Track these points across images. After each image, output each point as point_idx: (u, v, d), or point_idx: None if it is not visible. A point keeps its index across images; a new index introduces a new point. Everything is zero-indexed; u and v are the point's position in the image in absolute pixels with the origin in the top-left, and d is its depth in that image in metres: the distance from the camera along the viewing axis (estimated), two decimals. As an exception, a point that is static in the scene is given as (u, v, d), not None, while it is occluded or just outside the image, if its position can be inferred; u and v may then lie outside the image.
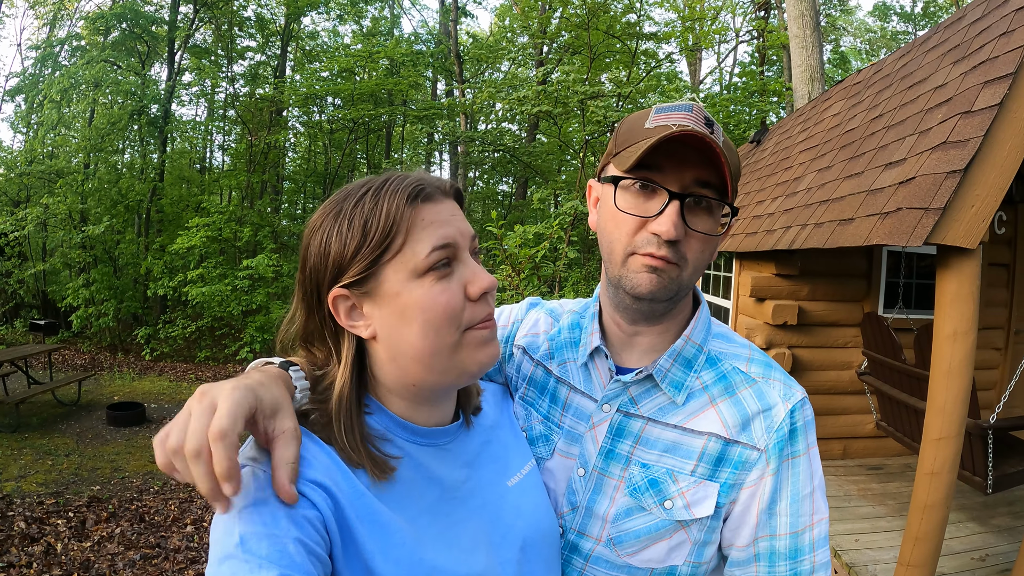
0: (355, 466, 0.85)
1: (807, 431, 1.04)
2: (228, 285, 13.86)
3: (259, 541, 0.69)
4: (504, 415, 1.17)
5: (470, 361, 0.90)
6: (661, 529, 1.03)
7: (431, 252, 0.85)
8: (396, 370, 0.91)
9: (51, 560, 4.77)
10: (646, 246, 0.99)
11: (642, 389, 1.09)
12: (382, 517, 0.83)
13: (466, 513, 0.95)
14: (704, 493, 1.02)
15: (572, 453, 1.13)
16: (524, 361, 1.27)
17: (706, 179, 0.98)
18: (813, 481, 1.03)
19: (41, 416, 9.05)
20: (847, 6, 27.26)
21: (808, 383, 4.95)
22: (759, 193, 5.80)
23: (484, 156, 19.33)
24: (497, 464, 1.06)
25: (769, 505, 1.01)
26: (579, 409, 1.14)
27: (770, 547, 1.01)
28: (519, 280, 6.50)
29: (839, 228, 3.58)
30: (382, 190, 0.87)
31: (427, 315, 0.85)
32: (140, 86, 16.19)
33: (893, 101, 4.16)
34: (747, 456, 1.02)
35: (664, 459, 1.05)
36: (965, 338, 2.71)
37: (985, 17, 3.57)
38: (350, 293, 0.88)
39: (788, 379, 1.08)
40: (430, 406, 0.96)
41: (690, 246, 0.99)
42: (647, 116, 1.01)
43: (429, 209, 0.88)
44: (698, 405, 1.06)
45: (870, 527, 3.91)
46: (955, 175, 2.73)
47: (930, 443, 2.81)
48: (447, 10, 21.41)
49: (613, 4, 15.28)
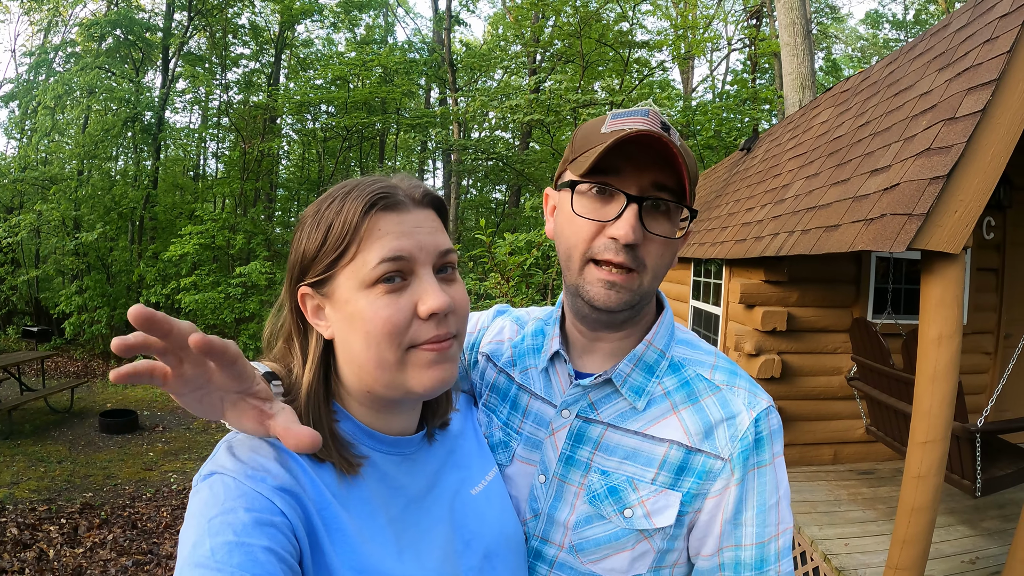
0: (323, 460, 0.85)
1: (773, 440, 1.02)
2: (221, 293, 13.82)
3: (230, 550, 0.68)
4: (468, 423, 1.16)
5: (414, 381, 0.87)
6: (622, 538, 1.02)
7: (378, 264, 0.83)
8: (351, 374, 0.90)
9: (43, 566, 4.75)
10: (604, 251, 0.98)
11: (602, 394, 1.08)
12: (347, 527, 0.83)
13: (430, 522, 0.94)
14: (665, 502, 1.01)
15: (533, 459, 1.11)
16: (488, 368, 1.26)
17: (663, 182, 0.97)
18: (779, 491, 1.02)
19: (34, 423, 9.02)
20: (839, 14, 27.44)
21: (798, 389, 4.98)
22: (749, 200, 5.84)
23: (477, 164, 19.36)
24: (461, 472, 1.05)
25: (734, 515, 1.00)
26: (539, 415, 1.13)
27: (735, 557, 1.00)
28: (508, 288, 6.51)
29: (825, 235, 3.61)
30: (349, 195, 0.87)
31: (367, 327, 0.84)
32: (134, 93, 16.20)
33: (880, 108, 4.20)
34: (711, 465, 1.00)
35: (624, 466, 1.04)
36: (950, 342, 2.73)
37: (970, 24, 3.60)
38: (313, 292, 0.89)
39: (754, 387, 1.06)
40: (390, 414, 0.95)
41: (649, 250, 0.98)
42: (603, 122, 1.00)
43: (388, 219, 0.86)
44: (659, 412, 1.04)
45: (860, 531, 3.92)
46: (938, 181, 2.76)
47: (916, 447, 2.83)
48: (440, 18, 21.45)
49: (605, 13, 15.38)
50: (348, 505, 0.85)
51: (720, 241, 5.72)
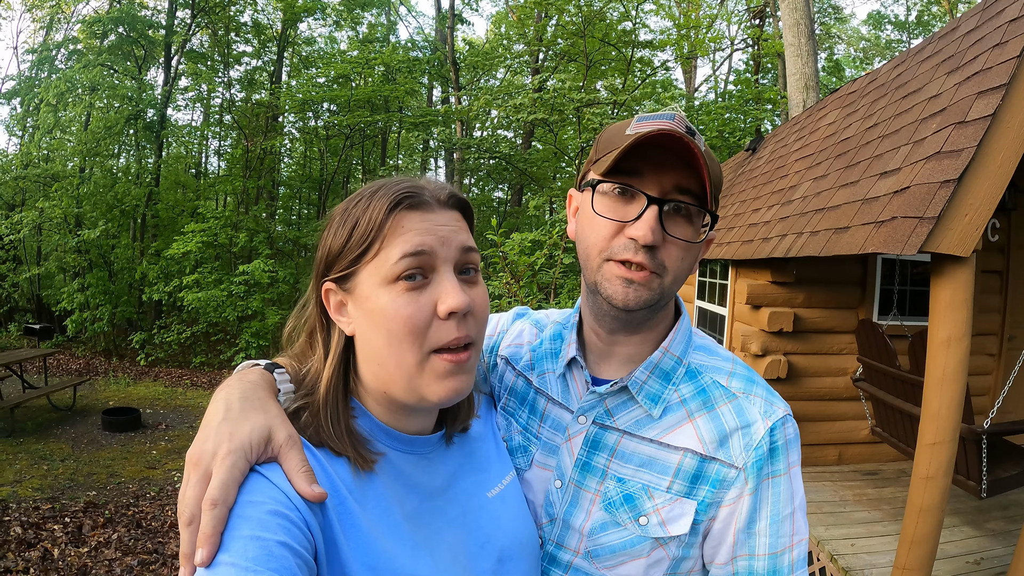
0: (339, 454, 0.86)
1: (788, 450, 1.02)
2: (223, 291, 13.85)
3: (245, 545, 0.68)
4: (488, 426, 1.16)
5: (429, 391, 0.87)
6: (637, 545, 1.02)
7: (400, 259, 0.84)
8: (369, 373, 0.91)
9: (48, 566, 4.76)
10: (623, 251, 0.98)
11: (618, 401, 1.08)
12: (361, 523, 0.83)
13: (445, 523, 0.94)
14: (680, 511, 1.01)
15: (549, 464, 1.12)
16: (507, 372, 1.26)
17: (686, 186, 0.97)
18: (794, 502, 1.01)
19: (36, 421, 9.02)
20: (842, 14, 27.45)
21: (804, 389, 4.99)
22: (755, 201, 5.84)
23: (480, 163, 19.38)
24: (478, 475, 1.05)
25: (747, 525, 0.99)
26: (556, 420, 1.13)
27: (749, 567, 0.99)
28: (517, 288, 6.52)
29: (835, 236, 3.62)
30: (376, 193, 0.88)
31: (390, 325, 0.84)
32: (136, 90, 16.21)
33: (888, 111, 4.20)
34: (725, 474, 1.00)
35: (640, 474, 1.04)
36: (959, 344, 2.74)
37: (979, 28, 3.61)
38: (337, 288, 0.90)
39: (771, 395, 1.05)
40: (407, 415, 0.95)
41: (668, 253, 0.98)
42: (629, 124, 1.01)
43: (412, 217, 0.87)
44: (675, 419, 1.04)
45: (866, 532, 3.94)
46: (949, 184, 2.77)
47: (925, 448, 2.84)
48: (443, 17, 21.48)
49: (609, 12, 15.37)
50: (363, 501, 0.85)
51: (726, 241, 5.73)
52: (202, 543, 0.68)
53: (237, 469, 0.73)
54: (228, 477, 0.72)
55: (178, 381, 12.88)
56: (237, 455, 0.74)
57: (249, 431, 0.78)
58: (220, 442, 0.75)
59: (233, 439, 0.76)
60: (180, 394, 11.71)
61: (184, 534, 0.70)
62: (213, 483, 0.71)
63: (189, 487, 0.72)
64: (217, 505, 0.69)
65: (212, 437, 0.76)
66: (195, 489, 0.72)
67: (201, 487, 0.72)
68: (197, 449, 0.76)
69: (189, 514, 0.70)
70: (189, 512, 0.70)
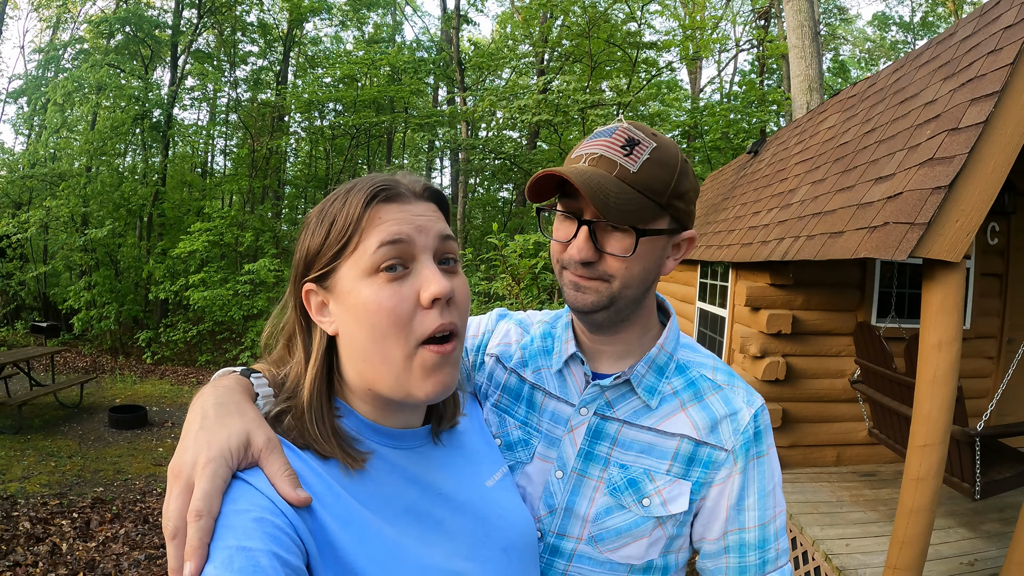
0: (327, 457, 0.86)
1: (767, 433, 1.13)
2: (229, 290, 13.92)
3: (232, 556, 0.67)
4: (474, 421, 1.19)
5: (416, 388, 0.88)
6: (641, 526, 1.10)
7: (379, 247, 0.85)
8: (354, 371, 0.91)
9: (56, 560, 4.83)
10: (569, 263, 1.06)
11: (618, 393, 1.15)
12: (361, 517, 0.83)
13: (448, 512, 0.95)
14: (679, 491, 1.10)
15: (550, 456, 1.17)
16: (497, 369, 1.31)
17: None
18: (774, 478, 1.13)
19: (43, 418, 9.10)
20: (847, 15, 27.41)
21: (802, 391, 5.03)
22: (756, 204, 5.88)
23: (485, 163, 19.41)
24: (473, 466, 1.07)
25: (738, 501, 1.10)
26: (555, 413, 1.19)
27: (740, 539, 1.10)
28: (519, 290, 6.58)
29: (830, 241, 3.66)
30: (352, 190, 0.90)
31: (373, 319, 0.84)
32: (143, 90, 16.31)
33: (885, 116, 4.24)
34: (715, 456, 1.10)
35: (641, 459, 1.12)
36: (950, 348, 2.79)
37: (975, 34, 3.63)
38: (317, 288, 0.90)
39: (748, 387, 1.17)
40: (394, 411, 0.96)
41: (609, 264, 1.04)
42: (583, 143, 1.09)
43: (389, 208, 0.88)
44: (670, 409, 1.14)
45: (861, 532, 3.97)
46: (940, 191, 2.81)
47: (916, 449, 2.89)
48: (449, 17, 21.50)
49: (614, 13, 15.39)
50: (361, 496, 0.85)
51: (727, 244, 5.77)
52: (189, 556, 0.67)
53: (219, 477, 0.73)
54: (211, 486, 0.72)
55: (184, 379, 12.94)
56: (218, 463, 0.74)
57: (227, 437, 0.77)
58: (199, 451, 0.75)
59: (211, 447, 0.75)
60: (186, 392, 11.76)
61: (170, 548, 0.69)
62: (196, 494, 0.71)
63: (172, 499, 0.71)
64: (202, 516, 0.69)
65: (191, 447, 0.76)
66: (178, 501, 0.71)
67: (184, 499, 0.71)
68: (177, 461, 0.75)
69: (173, 527, 0.69)
70: (173, 525, 0.69)
